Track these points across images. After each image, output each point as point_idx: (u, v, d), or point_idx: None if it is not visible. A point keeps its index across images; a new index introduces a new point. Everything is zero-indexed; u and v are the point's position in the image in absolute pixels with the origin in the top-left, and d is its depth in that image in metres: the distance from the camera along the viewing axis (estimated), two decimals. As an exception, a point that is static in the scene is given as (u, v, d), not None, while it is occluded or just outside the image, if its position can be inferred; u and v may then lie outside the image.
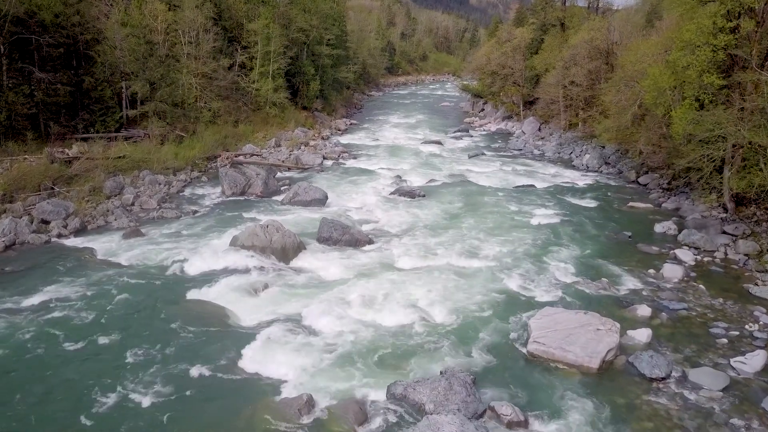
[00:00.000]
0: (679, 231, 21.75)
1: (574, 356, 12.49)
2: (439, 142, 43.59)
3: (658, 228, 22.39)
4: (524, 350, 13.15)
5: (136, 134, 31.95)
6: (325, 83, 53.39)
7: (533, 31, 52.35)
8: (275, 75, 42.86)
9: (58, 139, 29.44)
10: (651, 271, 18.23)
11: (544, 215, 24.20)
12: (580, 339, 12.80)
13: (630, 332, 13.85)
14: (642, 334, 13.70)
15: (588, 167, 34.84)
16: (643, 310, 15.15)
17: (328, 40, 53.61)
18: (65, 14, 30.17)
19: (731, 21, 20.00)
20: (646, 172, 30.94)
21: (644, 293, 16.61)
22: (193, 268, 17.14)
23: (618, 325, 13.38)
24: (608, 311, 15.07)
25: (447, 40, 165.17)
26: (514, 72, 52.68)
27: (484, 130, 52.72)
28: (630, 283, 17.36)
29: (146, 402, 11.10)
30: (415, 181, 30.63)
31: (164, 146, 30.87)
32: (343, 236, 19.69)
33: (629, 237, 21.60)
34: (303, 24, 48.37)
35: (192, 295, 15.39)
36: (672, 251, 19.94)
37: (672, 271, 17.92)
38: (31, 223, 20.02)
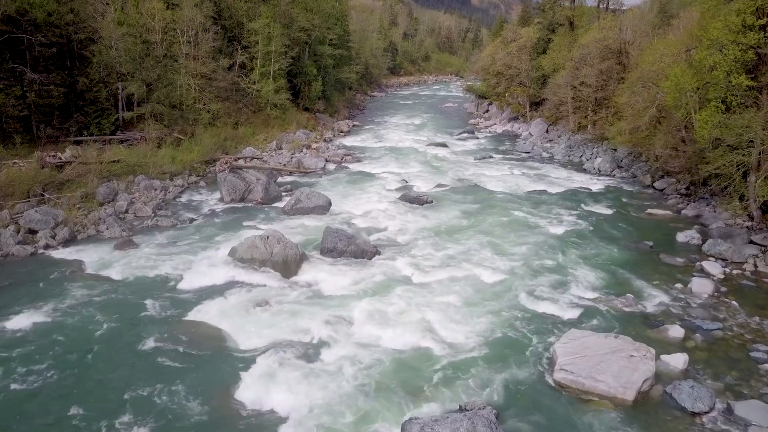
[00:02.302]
0: (703, 240, 20.54)
1: (606, 386, 11.30)
2: (444, 145, 42.42)
3: (681, 237, 21.18)
4: (550, 379, 11.96)
5: (132, 137, 30.82)
6: (328, 84, 52.23)
7: (540, 31, 51.20)
8: (276, 75, 41.69)
9: (51, 142, 28.32)
10: (678, 285, 17.03)
11: (558, 222, 23.05)
12: (612, 367, 11.61)
13: (664, 357, 12.66)
14: (678, 360, 12.51)
15: (600, 171, 33.64)
16: (675, 331, 13.96)
17: (331, 39, 52.46)
18: (59, 12, 29.03)
19: (761, 18, 18.83)
20: (662, 177, 29.73)
21: (673, 311, 15.42)
22: (189, 283, 15.96)
23: (653, 350, 12.19)
24: (637, 332, 13.90)
25: (449, 41, 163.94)
26: (520, 72, 51.54)
27: (489, 132, 51.54)
28: (656, 298, 16.16)
29: (132, 441, 9.96)
30: (422, 185, 29.48)
31: (161, 149, 29.72)
32: (348, 247, 18.53)
33: (651, 247, 20.41)
34: (305, 23, 47.19)
35: (186, 315, 14.20)
36: (698, 263, 18.75)
37: (701, 286, 16.72)
38: (18, 233, 18.86)
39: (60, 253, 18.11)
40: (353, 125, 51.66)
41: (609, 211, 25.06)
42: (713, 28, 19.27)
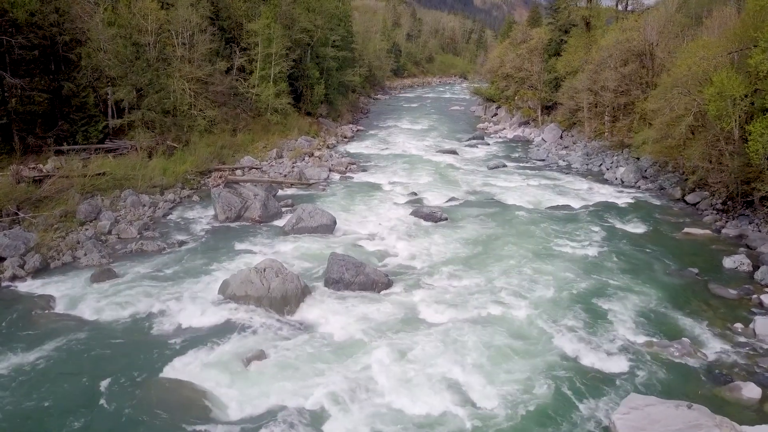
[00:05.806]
0: (755, 267, 18.24)
1: (684, 477, 9.06)
2: (453, 152, 40.19)
3: (728, 262, 18.86)
4: (611, 462, 9.73)
5: (122, 146, 28.61)
6: (330, 87, 49.98)
7: (552, 32, 48.95)
8: (277, 79, 39.47)
9: (32, 152, 26.16)
10: (738, 325, 14.74)
11: (588, 244, 20.75)
12: (690, 449, 9.36)
13: (746, 429, 10.37)
14: (763, 435, 10.25)
15: (623, 182, 31.32)
16: (750, 390, 11.68)
17: (334, 41, 50.25)
18: (42, 12, 26.86)
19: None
20: (693, 189, 27.38)
21: (740, 361, 13.13)
22: (171, 326, 13.72)
23: (738, 427, 9.92)
24: (704, 393, 11.66)
25: (453, 42, 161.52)
26: (531, 75, 49.33)
27: (500, 137, 49.26)
28: (716, 343, 13.88)
29: None
30: (433, 199, 27.25)
31: (152, 160, 27.52)
32: (356, 277, 16.29)
33: (697, 274, 18.12)
34: (307, 24, 44.96)
35: (164, 370, 11.92)
36: (754, 296, 16.44)
37: (765, 327, 14.43)
38: (-18, 261, 16.69)
39: (28, 286, 15.87)
40: (357, 130, 49.45)
41: (641, 230, 22.77)
42: (771, 29, 17.04)
